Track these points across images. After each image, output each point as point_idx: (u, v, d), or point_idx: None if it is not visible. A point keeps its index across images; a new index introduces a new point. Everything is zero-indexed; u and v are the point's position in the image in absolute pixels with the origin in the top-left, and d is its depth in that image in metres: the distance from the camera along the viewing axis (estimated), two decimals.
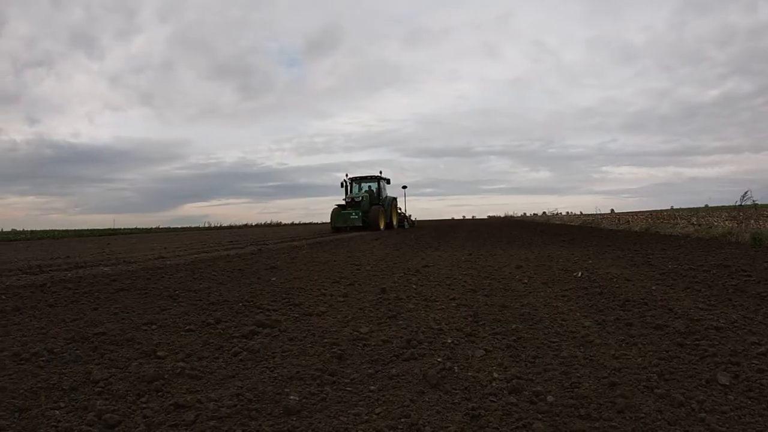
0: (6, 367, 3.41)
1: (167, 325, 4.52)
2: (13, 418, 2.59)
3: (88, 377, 3.15)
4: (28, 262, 11.67)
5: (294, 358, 3.53)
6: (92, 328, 4.40)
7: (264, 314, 4.87)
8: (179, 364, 3.34)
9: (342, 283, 6.89)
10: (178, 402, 2.70)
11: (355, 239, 19.53)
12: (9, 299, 6.09)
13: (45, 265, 10.84)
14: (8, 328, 4.59)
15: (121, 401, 2.77)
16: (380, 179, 36.18)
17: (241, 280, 7.52)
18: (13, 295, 6.35)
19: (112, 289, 6.62)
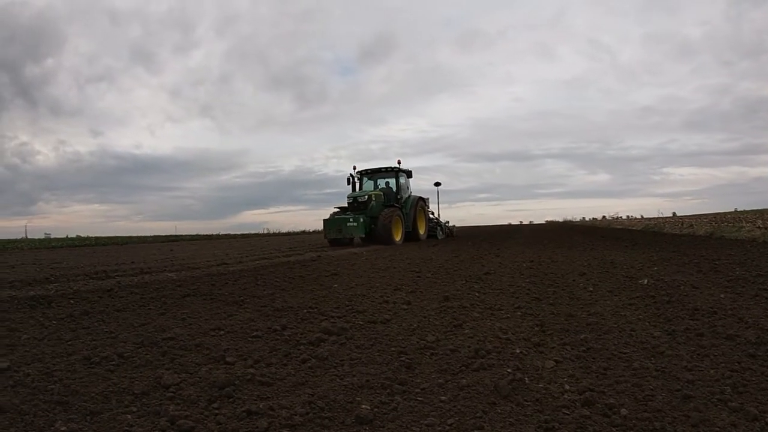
0: (77, 370, 3.48)
1: (234, 331, 4.56)
2: (84, 422, 2.63)
3: (159, 382, 3.18)
4: (95, 268, 11.97)
5: (363, 366, 3.50)
6: (161, 333, 4.49)
7: (329, 321, 4.85)
8: (249, 371, 3.35)
9: (403, 290, 6.83)
10: (251, 409, 2.69)
11: (411, 247, 19.33)
12: (77, 303, 6.26)
13: (111, 270, 11.10)
14: (78, 332, 4.71)
15: (192, 407, 2.79)
16: (398, 172, 25.65)
17: (303, 286, 7.53)
18: (82, 300, 6.53)
19: (178, 295, 6.77)
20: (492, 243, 20.12)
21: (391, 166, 25.61)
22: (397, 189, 25.33)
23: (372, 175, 26.35)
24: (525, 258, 11.55)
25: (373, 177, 26.49)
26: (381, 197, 24.25)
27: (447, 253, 13.63)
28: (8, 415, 2.71)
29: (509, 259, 11.46)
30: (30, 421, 2.65)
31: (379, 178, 26.50)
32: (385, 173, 26.14)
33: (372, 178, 26.53)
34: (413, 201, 25.45)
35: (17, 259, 18.36)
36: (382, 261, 11.70)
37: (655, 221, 39.76)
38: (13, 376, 3.37)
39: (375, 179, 26.57)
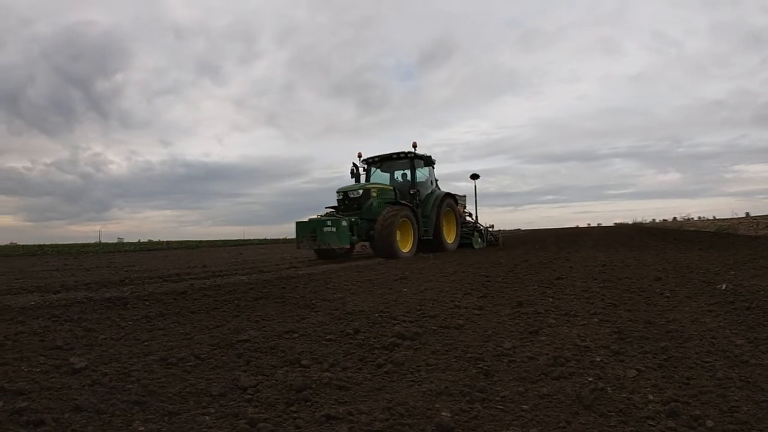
0: (154, 371, 3.54)
1: (308, 334, 4.57)
2: (162, 422, 2.65)
3: (236, 384, 3.20)
4: (167, 271, 12.28)
5: (440, 372, 3.43)
6: (235, 335, 4.54)
7: (401, 326, 4.81)
8: (325, 374, 3.33)
9: (474, 294, 6.72)
10: (330, 413, 2.66)
11: (475, 251, 19.31)
12: (152, 305, 6.43)
13: (183, 273, 11.38)
14: (153, 333, 4.83)
15: (270, 410, 2.78)
16: (413, 159, 19.50)
17: (372, 290, 7.56)
18: (156, 302, 6.71)
19: (250, 298, 6.90)
20: (561, 247, 19.74)
21: (403, 152, 19.48)
22: (411, 181, 19.16)
23: (381, 163, 20.40)
24: (596, 262, 11.31)
25: (384, 166, 20.56)
26: (388, 192, 18.62)
27: (516, 258, 13.44)
28: (86, 414, 2.76)
29: (580, 263, 11.24)
30: (108, 420, 2.69)
31: (396, 169, 20.74)
32: (397, 161, 20.11)
33: (383, 167, 20.61)
34: (437, 199, 19.36)
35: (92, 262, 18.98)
36: (450, 266, 11.61)
37: (728, 222, 38.64)
38: (90, 376, 3.45)
39: (391, 170, 20.82)
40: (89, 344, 4.43)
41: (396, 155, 19.71)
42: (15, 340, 4.64)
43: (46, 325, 5.32)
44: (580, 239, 28.15)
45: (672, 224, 62.59)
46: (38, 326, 5.23)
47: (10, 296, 8.33)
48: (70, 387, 3.23)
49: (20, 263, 19.91)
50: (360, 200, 17.64)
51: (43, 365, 3.76)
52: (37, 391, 3.14)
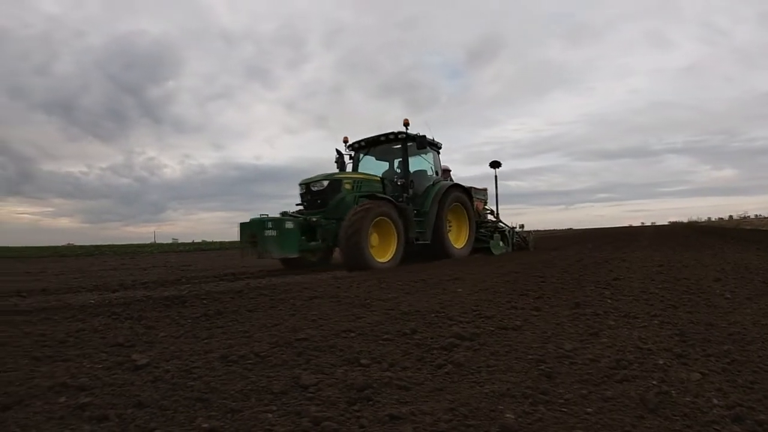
0: (215, 368, 3.59)
1: (365, 333, 4.59)
2: (225, 419, 2.69)
3: (296, 382, 3.22)
4: (223, 270, 12.49)
5: (501, 373, 3.40)
6: (293, 333, 4.58)
7: (458, 326, 4.77)
8: (386, 374, 3.35)
9: (529, 295, 6.64)
10: (393, 413, 2.66)
11: (525, 250, 18.93)
12: (210, 303, 6.54)
13: (239, 272, 11.59)
14: (212, 331, 4.90)
15: (332, 408, 2.79)
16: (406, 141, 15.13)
17: (426, 290, 7.54)
18: (214, 300, 6.82)
19: (305, 297, 6.95)
20: (615, 246, 19.36)
21: (392, 132, 15.12)
22: (403, 170, 15.06)
23: (369, 148, 16.07)
24: (653, 262, 11.09)
25: (378, 153, 16.31)
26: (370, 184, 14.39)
27: (569, 258, 13.27)
28: (149, 410, 2.82)
29: (636, 263, 11.01)
30: (171, 416, 2.74)
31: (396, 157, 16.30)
32: (387, 144, 15.67)
33: (378, 155, 16.40)
34: (439, 192, 15.08)
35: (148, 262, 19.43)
36: (503, 266, 11.54)
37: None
38: (152, 372, 3.52)
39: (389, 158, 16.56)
40: (150, 341, 4.53)
41: (384, 137, 15.41)
42: (76, 337, 4.77)
43: (107, 322, 5.46)
44: (635, 239, 27.43)
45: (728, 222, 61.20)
46: (99, 324, 5.37)
47: (70, 295, 8.58)
48: (133, 383, 3.30)
49: (78, 263, 20.46)
50: (325, 194, 13.43)
51: (105, 362, 3.85)
52: (100, 387, 3.22)
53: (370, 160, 16.44)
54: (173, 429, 2.58)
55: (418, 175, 15.97)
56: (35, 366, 3.80)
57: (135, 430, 2.57)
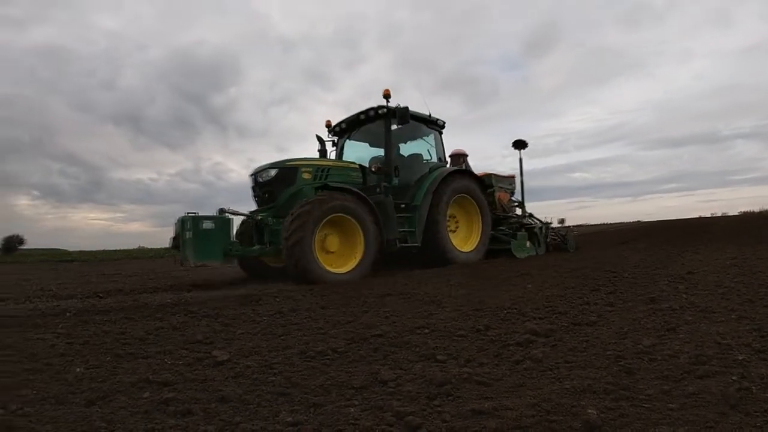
0: (294, 363, 3.67)
1: (438, 330, 4.60)
2: (308, 413, 2.73)
3: (375, 377, 3.27)
4: None
5: (580, 369, 3.38)
6: (368, 330, 4.65)
7: (532, 322, 4.76)
8: (464, 370, 3.35)
9: (602, 290, 6.53)
10: (475, 408, 2.66)
11: (595, 243, 18.54)
12: (284, 301, 6.69)
13: None
14: (288, 328, 5.00)
15: (414, 403, 2.81)
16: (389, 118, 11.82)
17: (495, 286, 7.52)
18: (287, 298, 6.98)
19: (376, 294, 7.03)
20: (687, 239, 18.89)
21: (372, 108, 12.11)
22: (386, 153, 11.97)
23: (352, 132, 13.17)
24: (727, 255, 10.73)
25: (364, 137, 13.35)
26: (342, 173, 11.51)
27: (641, 252, 12.99)
28: (232, 405, 2.90)
29: (709, 256, 10.64)
30: (254, 410, 2.81)
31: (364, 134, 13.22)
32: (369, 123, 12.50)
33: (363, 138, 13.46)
34: (435, 180, 12.16)
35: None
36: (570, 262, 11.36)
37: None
38: (233, 368, 3.63)
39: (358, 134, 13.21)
40: (228, 338, 4.65)
41: (364, 115, 12.36)
42: (156, 334, 4.94)
43: (184, 320, 5.64)
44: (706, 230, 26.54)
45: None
46: (177, 322, 5.55)
47: (146, 294, 8.89)
48: (214, 379, 3.40)
49: (151, 265, 21.00)
50: (274, 186, 10.69)
51: (186, 358, 3.98)
52: (182, 383, 3.33)
53: (362, 147, 13.44)
54: (257, 423, 2.64)
55: (409, 160, 13.03)
56: (117, 363, 3.94)
57: (220, 424, 2.64)
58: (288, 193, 10.59)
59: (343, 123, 13.10)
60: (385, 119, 11.91)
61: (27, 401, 3.05)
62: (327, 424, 2.58)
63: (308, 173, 10.87)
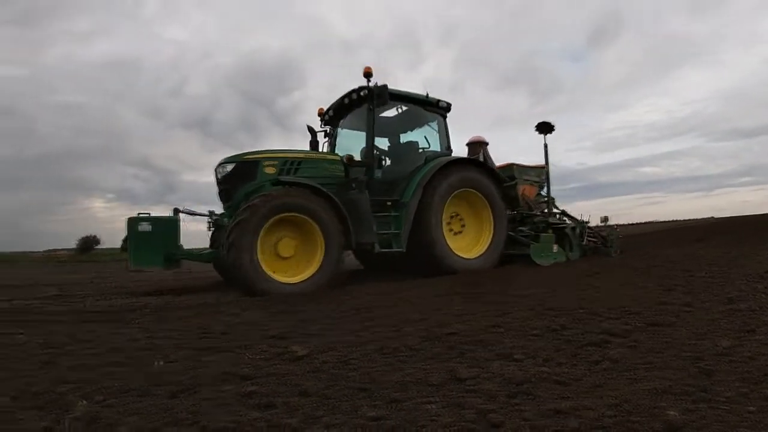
0: (372, 359, 3.76)
1: (513, 329, 4.62)
2: (389, 409, 2.78)
3: (453, 375, 3.30)
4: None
5: (658, 371, 3.35)
6: (441, 328, 4.69)
7: (607, 322, 4.73)
8: (542, 369, 3.38)
9: (677, 290, 6.40)
10: (556, 407, 2.69)
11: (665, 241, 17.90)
12: (359, 298, 6.90)
13: None
14: (363, 325, 5.11)
15: (493, 401, 2.84)
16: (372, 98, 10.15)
17: (566, 285, 7.48)
18: (362, 295, 7.20)
19: (447, 293, 7.11)
20: (762, 236, 18.44)
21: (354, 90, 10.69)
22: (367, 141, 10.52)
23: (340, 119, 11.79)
24: None
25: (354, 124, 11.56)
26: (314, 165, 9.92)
27: (715, 250, 12.76)
28: (313, 399, 2.98)
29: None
30: (335, 405, 2.88)
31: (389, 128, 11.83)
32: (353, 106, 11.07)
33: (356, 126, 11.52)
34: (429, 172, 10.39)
35: None
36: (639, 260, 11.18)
37: None
38: (311, 363, 3.73)
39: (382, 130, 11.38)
40: (304, 334, 4.77)
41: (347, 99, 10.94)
42: (235, 330, 5.12)
43: (261, 316, 5.83)
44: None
45: None
46: (254, 317, 5.76)
47: (219, 293, 9.09)
48: (294, 373, 3.50)
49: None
50: (230, 183, 9.55)
51: (265, 352, 4.10)
52: (263, 377, 3.43)
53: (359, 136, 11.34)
54: (339, 417, 2.70)
55: (402, 149, 11.68)
56: (199, 356, 4.08)
57: (302, 417, 2.71)
58: (245, 190, 9.26)
59: (330, 110, 11.68)
60: (371, 100, 10.32)
61: (111, 393, 3.18)
62: (408, 420, 2.62)
63: (272, 167, 9.51)
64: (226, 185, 9.50)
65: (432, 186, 10.29)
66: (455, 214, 11.26)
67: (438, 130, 11.61)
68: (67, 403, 3.00)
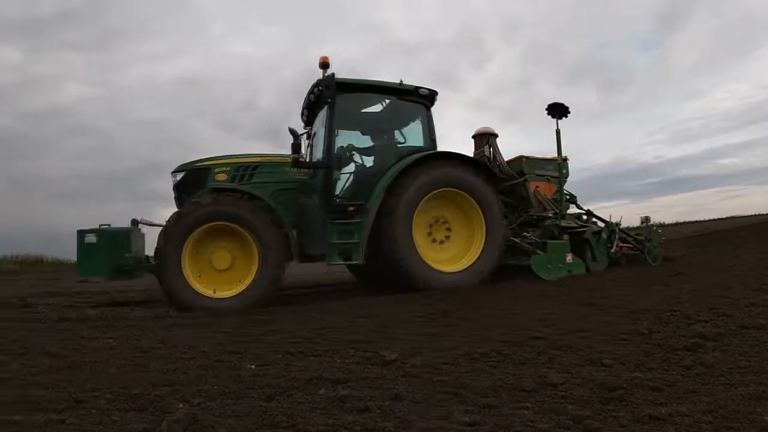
0: (460, 364, 3.78)
1: (600, 333, 4.58)
2: (483, 414, 2.80)
3: (544, 380, 3.30)
4: None
5: (753, 375, 3.30)
6: (526, 332, 4.69)
7: (699, 325, 4.62)
8: (634, 375, 3.35)
9: (765, 290, 6.24)
10: (651, 414, 2.67)
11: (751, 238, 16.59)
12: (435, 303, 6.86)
13: None
14: (445, 329, 5.16)
15: (587, 407, 2.84)
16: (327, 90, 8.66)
17: (650, 287, 7.35)
18: (438, 300, 7.15)
19: (531, 295, 7.13)
20: None
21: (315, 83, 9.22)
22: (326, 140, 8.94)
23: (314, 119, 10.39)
24: None
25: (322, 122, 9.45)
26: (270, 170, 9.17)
27: None
28: (406, 403, 3.03)
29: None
30: (427, 409, 2.92)
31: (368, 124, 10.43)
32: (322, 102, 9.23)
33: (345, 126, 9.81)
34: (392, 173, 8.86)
35: None
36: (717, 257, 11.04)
37: None
38: (401, 367, 3.78)
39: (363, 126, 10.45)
40: (389, 338, 4.83)
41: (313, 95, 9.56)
42: (321, 334, 5.19)
43: (345, 321, 5.89)
44: None
45: None
46: (339, 322, 5.82)
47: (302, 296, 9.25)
48: (385, 377, 3.56)
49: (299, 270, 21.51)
50: (181, 191, 9.09)
51: (353, 357, 4.18)
52: (355, 380, 3.50)
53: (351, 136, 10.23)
54: (433, 422, 2.74)
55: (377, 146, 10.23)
56: (289, 361, 4.18)
57: (396, 422, 2.76)
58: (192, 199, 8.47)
59: (305, 110, 10.40)
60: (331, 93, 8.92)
61: (208, 396, 3.29)
62: (503, 426, 2.64)
63: (223, 174, 8.95)
64: (179, 193, 9.00)
65: (398, 188, 8.82)
66: (437, 219, 9.46)
67: (422, 122, 9.87)
68: (165, 405, 3.09)
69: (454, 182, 9.13)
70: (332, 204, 8.73)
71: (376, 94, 9.67)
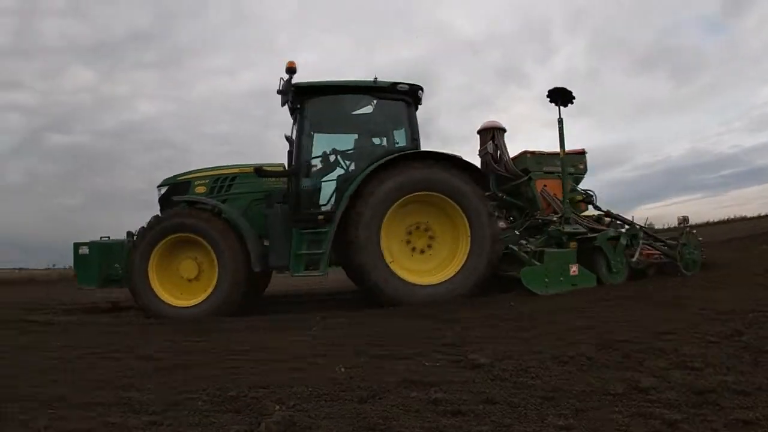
0: (549, 368, 3.83)
1: (686, 335, 4.53)
2: (576, 418, 2.85)
3: (633, 384, 3.33)
4: None
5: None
6: (611, 334, 4.68)
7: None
8: (724, 378, 3.35)
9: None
10: (743, 418, 2.70)
11: None
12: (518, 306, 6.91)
13: None
14: (530, 332, 5.19)
15: (678, 411, 2.86)
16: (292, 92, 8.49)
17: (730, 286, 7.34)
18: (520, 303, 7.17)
19: (614, 296, 7.03)
20: None
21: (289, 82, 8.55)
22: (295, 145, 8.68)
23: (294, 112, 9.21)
24: None
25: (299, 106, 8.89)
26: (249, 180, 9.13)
27: None
28: (499, 407, 3.08)
29: None
30: (522, 413, 2.98)
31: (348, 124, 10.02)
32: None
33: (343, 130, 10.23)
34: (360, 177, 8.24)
35: None
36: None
37: None
38: (491, 371, 3.83)
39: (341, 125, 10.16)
40: (473, 341, 4.88)
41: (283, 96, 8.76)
42: (405, 337, 5.31)
43: (427, 324, 6.02)
44: None
45: None
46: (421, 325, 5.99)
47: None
48: (475, 381, 3.64)
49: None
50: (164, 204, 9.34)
51: (442, 360, 4.25)
52: (446, 384, 3.57)
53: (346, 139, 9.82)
54: (528, 426, 2.82)
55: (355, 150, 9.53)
56: (377, 363, 4.26)
57: (492, 426, 2.84)
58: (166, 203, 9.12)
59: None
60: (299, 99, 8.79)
61: (302, 398, 3.40)
62: (596, 430, 2.72)
63: (202, 186, 9.09)
64: (163, 207, 9.23)
65: (364, 194, 8.19)
66: (418, 225, 8.68)
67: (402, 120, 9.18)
68: (262, 407, 3.21)
69: (431, 185, 8.36)
70: (300, 213, 8.47)
71: (351, 95, 9.25)
